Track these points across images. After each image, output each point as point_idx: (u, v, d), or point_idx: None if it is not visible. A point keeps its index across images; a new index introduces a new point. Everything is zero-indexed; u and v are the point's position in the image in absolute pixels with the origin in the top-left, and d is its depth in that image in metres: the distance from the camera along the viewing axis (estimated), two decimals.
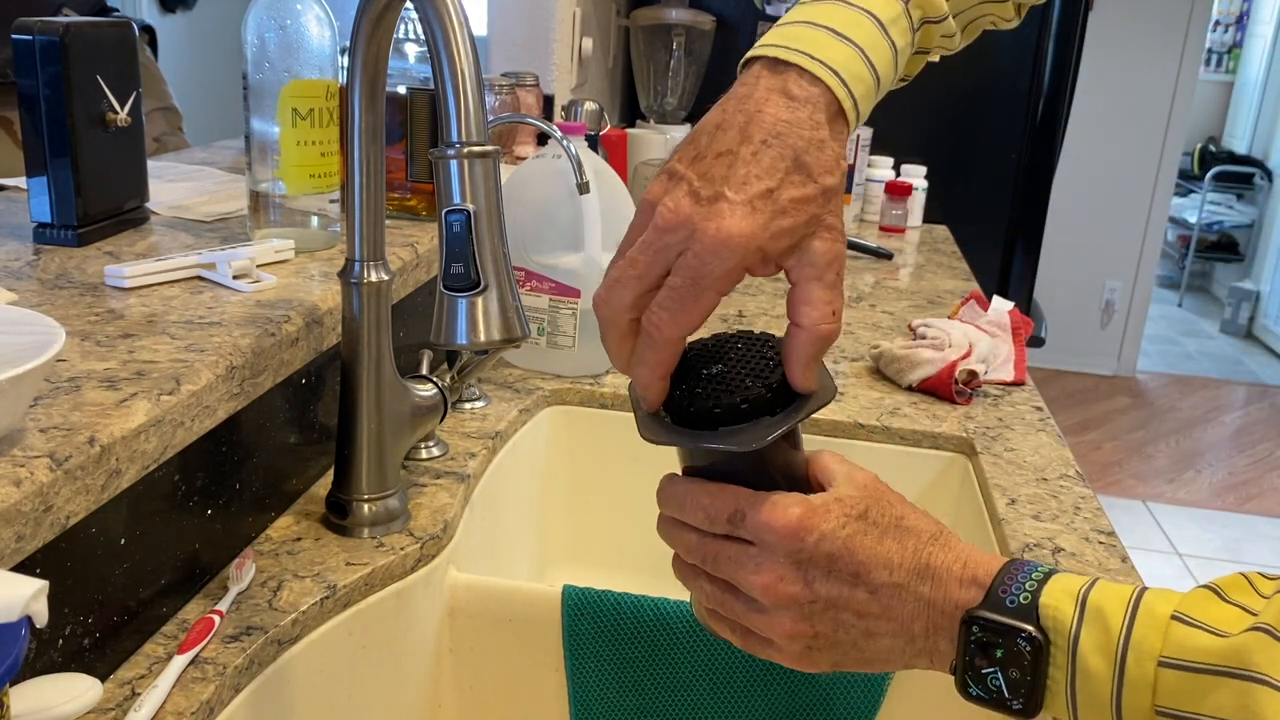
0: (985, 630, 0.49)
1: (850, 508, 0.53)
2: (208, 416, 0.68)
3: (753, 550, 0.53)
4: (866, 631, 0.52)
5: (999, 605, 0.49)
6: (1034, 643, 0.48)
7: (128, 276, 0.82)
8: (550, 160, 1.14)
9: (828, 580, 0.52)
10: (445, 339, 0.65)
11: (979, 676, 0.49)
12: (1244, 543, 3.25)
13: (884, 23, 0.56)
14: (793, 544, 0.52)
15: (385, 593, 0.79)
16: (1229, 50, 6.05)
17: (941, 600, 0.51)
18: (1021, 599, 0.49)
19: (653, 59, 2.12)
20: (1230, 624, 0.45)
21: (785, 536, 0.52)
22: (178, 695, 0.62)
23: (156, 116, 1.73)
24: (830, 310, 0.52)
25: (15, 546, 0.52)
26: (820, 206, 0.51)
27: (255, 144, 0.93)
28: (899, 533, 0.53)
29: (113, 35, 0.92)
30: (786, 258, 0.52)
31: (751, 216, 0.50)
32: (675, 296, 0.52)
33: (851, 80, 0.53)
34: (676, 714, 0.89)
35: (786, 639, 0.54)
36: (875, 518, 0.53)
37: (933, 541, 0.53)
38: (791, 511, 0.52)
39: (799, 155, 0.51)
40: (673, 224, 0.51)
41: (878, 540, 0.52)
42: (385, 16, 0.73)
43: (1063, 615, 0.48)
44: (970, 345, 1.21)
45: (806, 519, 0.52)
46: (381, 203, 0.78)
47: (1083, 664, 0.47)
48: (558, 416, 1.15)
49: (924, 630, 0.51)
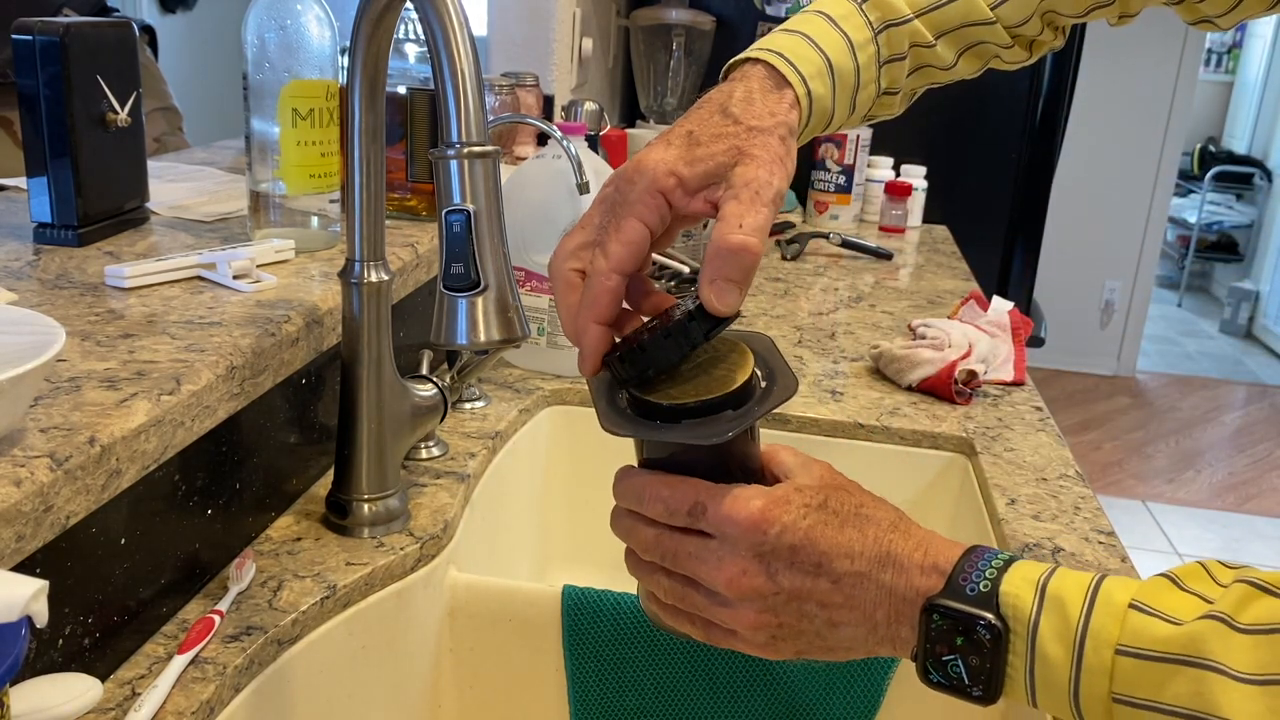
0: (945, 618, 0.49)
1: (810, 498, 0.53)
2: (208, 416, 0.68)
3: (713, 544, 0.53)
4: (829, 621, 0.53)
5: (959, 593, 0.49)
6: (993, 630, 0.48)
7: (128, 276, 0.82)
8: (550, 160, 1.14)
9: (790, 571, 0.52)
10: (445, 339, 0.65)
11: (940, 664, 0.50)
12: (1244, 543, 3.25)
13: (834, 17, 0.64)
14: (755, 536, 0.52)
15: (385, 593, 0.79)
16: (1229, 50, 6.05)
17: (903, 588, 0.51)
18: (982, 586, 0.49)
19: (653, 59, 2.12)
20: (1186, 612, 0.45)
21: (748, 529, 0.52)
22: (178, 695, 0.62)
23: (157, 116, 1.73)
24: (737, 223, 0.53)
25: (15, 546, 0.52)
26: (743, 140, 0.56)
27: (255, 144, 0.93)
28: (859, 521, 0.53)
29: (113, 35, 0.92)
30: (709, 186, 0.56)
31: (666, 149, 0.56)
32: (603, 228, 0.57)
33: (795, 58, 0.60)
34: (676, 714, 0.89)
35: (751, 630, 0.54)
36: (835, 507, 0.53)
37: (893, 529, 0.53)
38: (753, 504, 0.52)
39: (725, 107, 0.58)
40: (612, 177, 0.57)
41: (839, 530, 0.52)
42: (385, 16, 0.73)
43: (1022, 603, 0.48)
44: (970, 345, 1.21)
45: (768, 511, 0.52)
46: (381, 203, 0.79)
47: (1041, 651, 0.47)
48: (558, 416, 1.15)
49: (886, 618, 0.52)
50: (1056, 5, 0.69)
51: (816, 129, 0.64)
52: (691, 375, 0.54)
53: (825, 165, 2.00)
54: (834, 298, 1.54)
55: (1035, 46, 0.72)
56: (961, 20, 0.67)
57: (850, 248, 1.80)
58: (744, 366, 0.54)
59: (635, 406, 0.54)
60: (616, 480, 0.57)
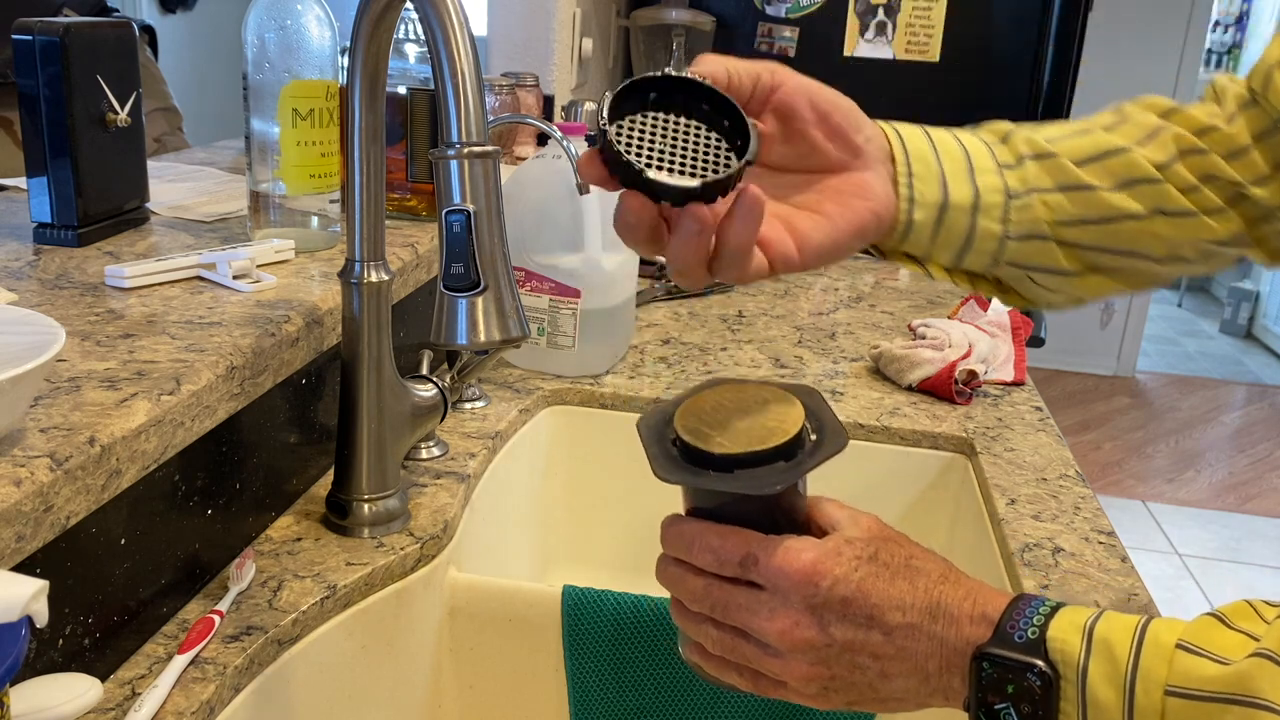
0: (996, 666, 0.49)
1: (861, 550, 0.53)
2: (208, 416, 0.68)
3: (765, 595, 0.53)
4: (882, 673, 0.53)
5: (1007, 641, 0.49)
6: (1044, 677, 0.48)
7: (128, 276, 0.82)
8: (550, 160, 1.14)
9: (843, 624, 0.52)
10: (445, 339, 0.65)
11: (992, 713, 0.50)
12: (1243, 543, 3.25)
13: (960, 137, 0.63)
14: (807, 589, 0.52)
15: (385, 593, 0.79)
16: (1229, 50, 6.05)
17: (954, 638, 0.51)
18: (1029, 633, 0.49)
19: (653, 59, 2.12)
20: (1234, 650, 0.46)
21: (800, 582, 0.52)
22: (178, 695, 0.62)
23: (157, 117, 1.74)
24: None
25: (15, 546, 0.52)
26: None
27: (255, 144, 0.93)
28: (909, 573, 0.53)
29: (113, 35, 0.92)
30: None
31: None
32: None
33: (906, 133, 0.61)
34: (676, 713, 0.89)
35: (802, 682, 0.54)
36: (885, 559, 0.53)
37: (942, 580, 0.53)
38: (805, 556, 0.52)
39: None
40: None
41: (889, 582, 0.52)
42: (385, 17, 0.73)
43: (1070, 648, 0.48)
44: (970, 345, 1.21)
45: (820, 563, 0.52)
46: (381, 203, 0.79)
47: (1093, 696, 0.47)
48: (558, 416, 1.15)
49: (938, 669, 0.52)
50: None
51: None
52: (743, 426, 0.54)
53: None
54: (834, 298, 1.54)
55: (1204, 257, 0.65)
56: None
57: None
58: (794, 419, 0.54)
59: (686, 454, 0.54)
60: (664, 528, 0.56)
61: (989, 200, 0.61)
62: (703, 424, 0.54)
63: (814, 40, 2.18)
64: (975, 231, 0.61)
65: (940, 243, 0.61)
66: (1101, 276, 0.64)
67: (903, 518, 1.12)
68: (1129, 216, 0.62)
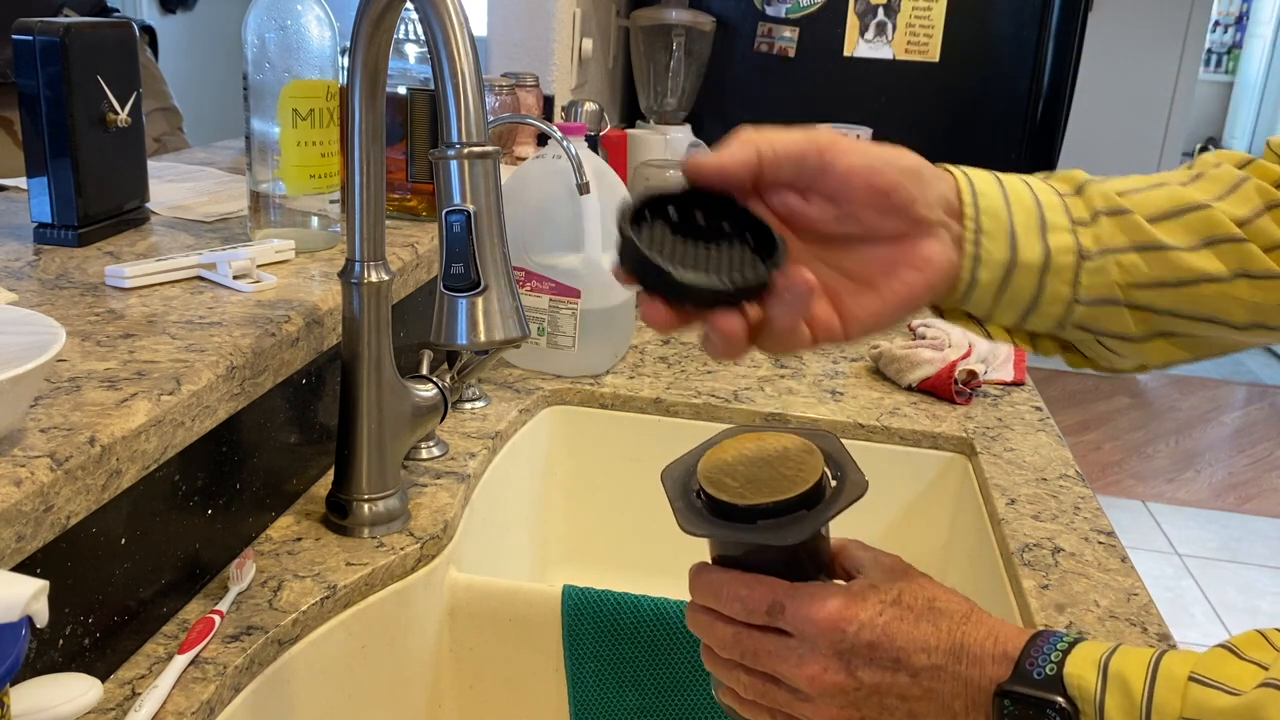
0: (1017, 703, 0.50)
1: (885, 595, 0.54)
2: (208, 416, 0.68)
3: (793, 642, 0.54)
4: (910, 713, 0.53)
5: (1026, 678, 0.50)
6: (1064, 713, 0.49)
7: (128, 277, 0.82)
8: (550, 160, 1.14)
9: (870, 668, 0.53)
10: (445, 339, 0.65)
11: None
12: (1243, 543, 3.25)
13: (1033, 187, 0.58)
14: (834, 635, 0.53)
15: (385, 593, 0.79)
16: (1229, 50, 6.05)
17: (978, 677, 0.52)
18: (1048, 670, 0.50)
19: (653, 59, 2.12)
20: (1245, 681, 0.46)
21: (826, 628, 0.53)
22: (178, 695, 0.62)
23: (157, 117, 1.74)
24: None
25: (15, 546, 0.52)
26: None
27: (255, 144, 0.93)
28: (933, 615, 0.54)
29: (113, 35, 0.92)
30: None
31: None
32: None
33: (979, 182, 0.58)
34: (676, 713, 0.89)
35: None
36: (909, 602, 0.54)
37: (965, 620, 0.53)
38: (831, 603, 0.53)
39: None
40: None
41: (914, 624, 0.53)
42: (385, 17, 0.73)
43: (1086, 684, 0.49)
44: (970, 345, 1.21)
45: (846, 610, 0.53)
46: (382, 203, 0.79)
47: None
48: (558, 416, 1.15)
49: (964, 708, 0.52)
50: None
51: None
52: (764, 476, 0.55)
53: None
54: None
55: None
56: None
57: None
58: (814, 466, 0.55)
59: (710, 506, 0.55)
60: (692, 577, 0.57)
61: (1060, 261, 0.56)
62: (724, 474, 0.55)
63: (814, 40, 2.18)
64: (1043, 294, 0.57)
65: (1004, 304, 0.57)
66: (1173, 343, 0.60)
67: (902, 518, 1.12)
68: (1209, 279, 0.57)
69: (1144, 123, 4.34)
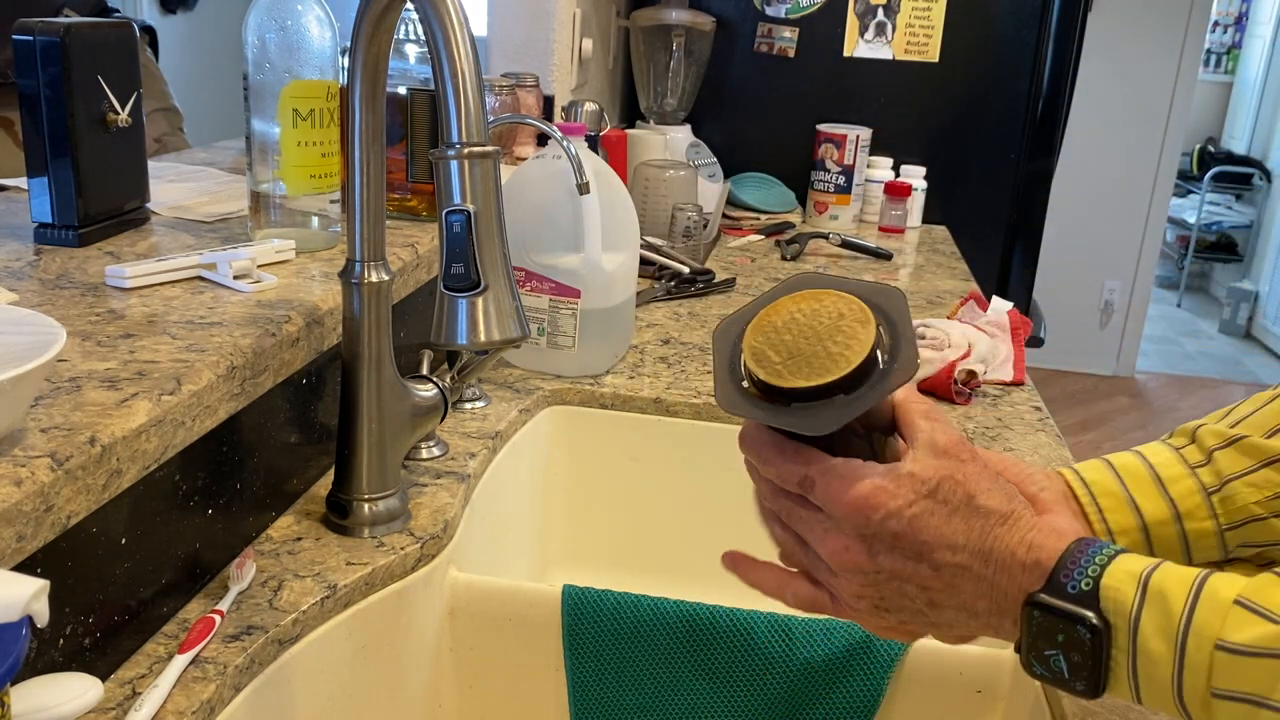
0: (1046, 615, 0.49)
1: (921, 484, 0.53)
2: (208, 416, 0.68)
3: (821, 516, 0.54)
4: (931, 602, 0.54)
5: (1060, 590, 0.50)
6: (1094, 630, 0.48)
7: (129, 277, 0.82)
8: (550, 161, 1.14)
9: (891, 555, 0.53)
10: (445, 339, 0.65)
11: (1042, 658, 0.50)
12: None
13: (1145, 453, 0.65)
14: (858, 519, 0.53)
15: (385, 593, 0.79)
16: (1228, 51, 6.05)
17: (1005, 583, 0.51)
18: (1084, 585, 0.49)
19: (653, 59, 2.12)
20: None
21: (851, 511, 0.53)
22: (178, 695, 0.62)
23: (157, 117, 1.74)
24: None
25: (16, 546, 0.52)
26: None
27: (256, 144, 0.93)
28: (968, 513, 0.53)
29: (113, 35, 0.92)
30: None
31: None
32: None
33: (1083, 469, 0.64)
34: (676, 713, 0.89)
35: (853, 598, 0.55)
36: (945, 495, 0.53)
37: (1001, 523, 0.53)
38: (860, 487, 0.53)
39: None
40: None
41: (945, 520, 0.53)
42: (385, 17, 0.73)
43: (1124, 597, 0.48)
44: (969, 345, 1.21)
45: (874, 497, 0.53)
46: (382, 203, 0.79)
47: (1144, 646, 0.47)
48: (558, 416, 1.15)
49: (987, 609, 0.52)
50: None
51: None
52: (810, 350, 0.53)
53: (825, 166, 2.00)
54: None
55: None
56: None
57: (850, 248, 1.80)
58: (863, 343, 0.53)
59: (753, 383, 0.55)
60: (742, 434, 0.58)
61: (1188, 505, 0.62)
62: (769, 345, 0.54)
63: (814, 40, 2.18)
64: (1188, 537, 0.62)
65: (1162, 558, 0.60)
66: None
67: None
68: None
69: (1143, 123, 4.34)
